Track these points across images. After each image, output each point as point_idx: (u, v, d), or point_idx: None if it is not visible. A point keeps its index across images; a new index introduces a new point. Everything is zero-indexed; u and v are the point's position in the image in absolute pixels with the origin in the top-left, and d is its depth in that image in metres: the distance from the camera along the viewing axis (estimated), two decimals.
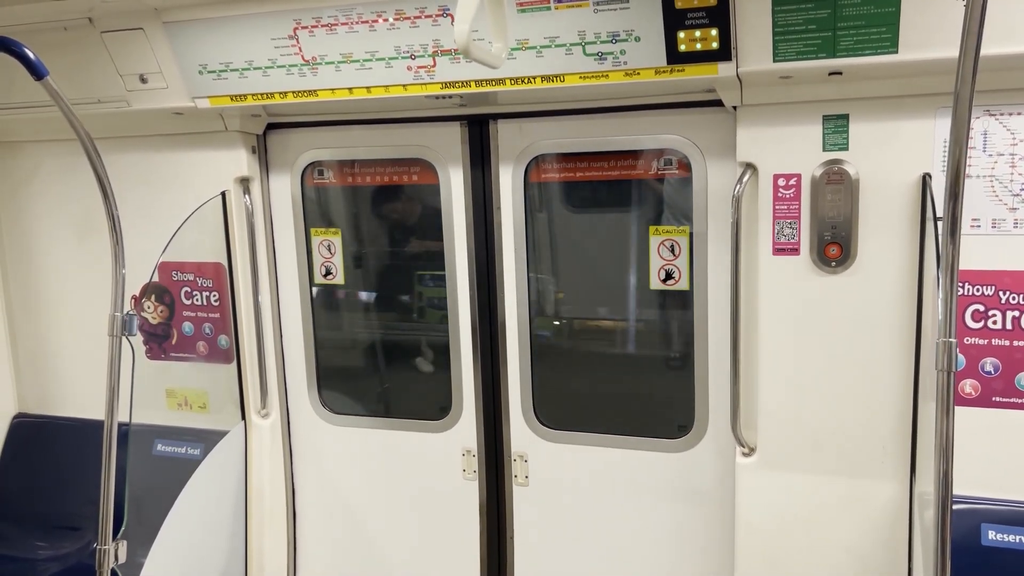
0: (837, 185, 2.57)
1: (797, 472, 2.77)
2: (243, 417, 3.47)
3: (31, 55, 2.21)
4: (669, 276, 3.06)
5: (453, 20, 1.90)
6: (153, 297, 3.46)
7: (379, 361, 3.72)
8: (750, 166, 2.67)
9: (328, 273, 3.50)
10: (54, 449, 3.70)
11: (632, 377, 3.36)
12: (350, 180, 3.45)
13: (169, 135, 3.34)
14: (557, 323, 3.42)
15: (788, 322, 2.70)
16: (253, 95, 2.95)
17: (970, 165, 2.45)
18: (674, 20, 2.39)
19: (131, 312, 2.61)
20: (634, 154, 3.04)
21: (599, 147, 3.05)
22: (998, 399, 2.52)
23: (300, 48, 2.78)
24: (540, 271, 3.30)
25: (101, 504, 2.57)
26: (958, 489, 2.45)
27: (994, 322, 2.50)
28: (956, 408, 1.86)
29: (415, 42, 2.67)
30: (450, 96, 2.85)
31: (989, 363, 2.52)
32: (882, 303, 2.59)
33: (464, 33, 1.84)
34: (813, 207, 2.61)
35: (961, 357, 2.52)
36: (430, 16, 2.59)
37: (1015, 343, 2.49)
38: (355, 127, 3.30)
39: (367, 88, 2.82)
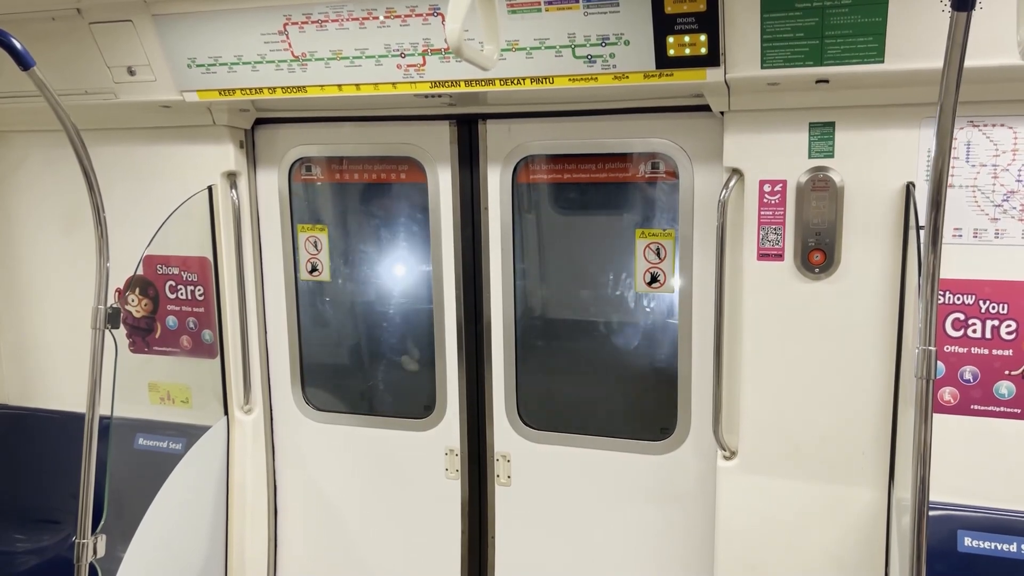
0: (822, 192, 2.59)
1: (777, 476, 2.79)
2: (226, 412, 3.46)
3: (18, 45, 2.20)
4: (654, 279, 3.07)
5: (444, 19, 1.90)
6: (137, 290, 3.45)
7: (363, 358, 3.72)
8: (736, 171, 2.69)
9: (314, 270, 3.49)
10: (35, 441, 3.68)
11: (615, 379, 3.37)
12: (338, 177, 3.44)
13: (156, 128, 3.32)
14: (542, 324, 3.43)
15: (771, 327, 2.72)
16: (241, 90, 2.94)
17: (953, 175, 2.47)
18: (663, 25, 2.40)
19: (115, 305, 2.60)
20: (622, 157, 3.05)
21: (587, 149, 3.06)
22: (976, 407, 2.55)
23: (290, 44, 2.77)
24: (526, 272, 3.30)
25: (81, 497, 2.56)
26: (935, 496, 2.48)
27: (974, 331, 2.52)
28: (934, 415, 1.88)
29: (405, 40, 2.67)
30: (439, 95, 2.85)
31: (968, 371, 2.54)
32: (864, 310, 2.61)
33: (456, 32, 1.84)
34: (798, 213, 2.63)
35: (940, 365, 2.55)
36: (421, 15, 2.59)
37: (994, 352, 2.51)
38: (344, 124, 3.30)
39: (356, 85, 2.82)
